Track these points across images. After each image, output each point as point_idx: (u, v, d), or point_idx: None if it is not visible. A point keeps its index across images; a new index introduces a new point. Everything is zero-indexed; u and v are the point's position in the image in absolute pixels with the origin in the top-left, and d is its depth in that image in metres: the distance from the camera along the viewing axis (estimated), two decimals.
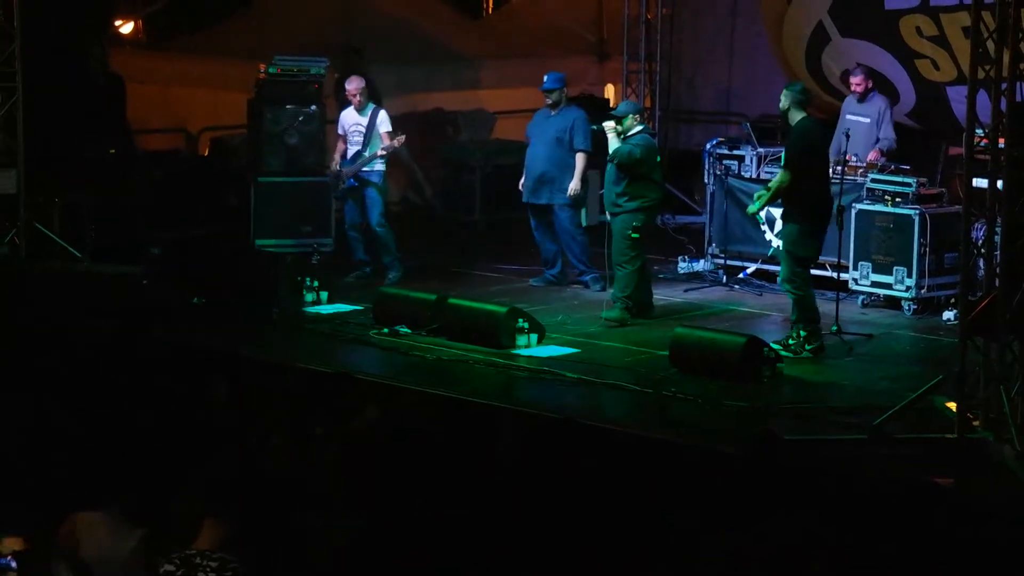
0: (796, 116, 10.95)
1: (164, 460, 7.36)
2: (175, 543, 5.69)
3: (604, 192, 12.09)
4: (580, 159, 12.89)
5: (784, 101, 10.98)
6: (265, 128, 14.62)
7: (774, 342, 10.61)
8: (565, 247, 13.08)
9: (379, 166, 13.37)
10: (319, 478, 7.65)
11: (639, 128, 11.85)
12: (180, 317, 11.88)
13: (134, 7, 19.98)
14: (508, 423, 9.16)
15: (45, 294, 12.67)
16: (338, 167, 13.47)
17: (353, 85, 13.45)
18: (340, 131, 13.65)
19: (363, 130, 13.35)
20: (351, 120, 13.48)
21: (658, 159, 11.96)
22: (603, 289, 12.62)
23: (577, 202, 12.95)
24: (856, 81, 13.52)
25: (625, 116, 11.81)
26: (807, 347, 10.75)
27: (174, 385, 9.37)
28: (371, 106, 13.46)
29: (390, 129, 13.37)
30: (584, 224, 13.10)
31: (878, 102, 13.53)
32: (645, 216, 11.79)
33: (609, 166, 11.83)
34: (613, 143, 11.72)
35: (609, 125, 11.74)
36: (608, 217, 12.04)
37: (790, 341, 10.79)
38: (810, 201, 10.86)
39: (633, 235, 11.66)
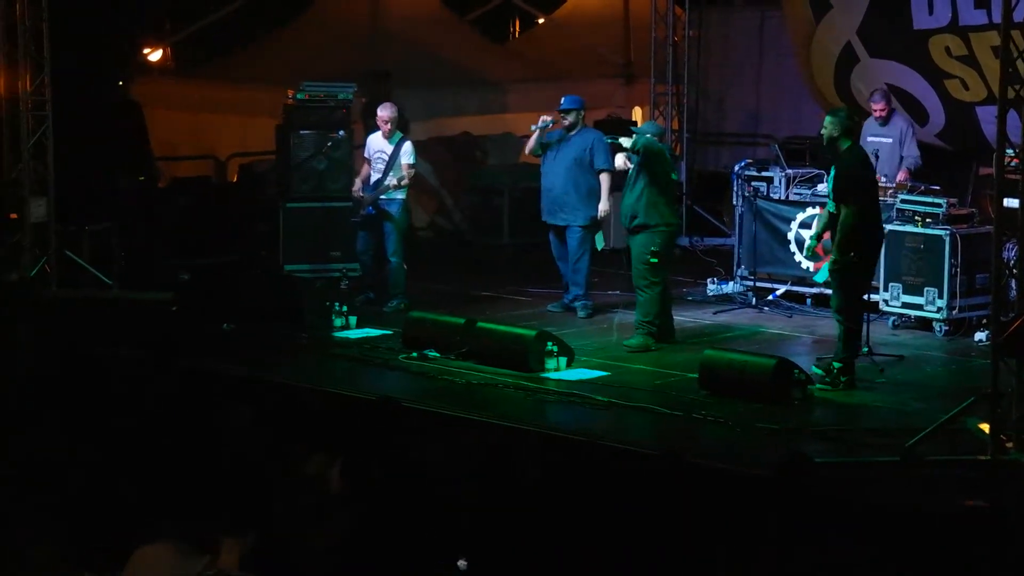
0: (845, 144, 10.52)
1: (208, 486, 7.34)
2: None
3: (621, 210, 11.93)
4: (605, 179, 12.78)
5: (832, 128, 10.48)
6: (293, 154, 14.65)
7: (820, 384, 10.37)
8: (570, 267, 12.92)
9: (399, 196, 13.22)
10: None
11: None
12: (210, 343, 11.89)
13: (162, 35, 20.13)
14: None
15: (75, 321, 12.72)
16: (360, 192, 13.37)
17: (386, 112, 13.28)
18: (366, 155, 13.58)
19: (386, 158, 13.21)
20: (376, 146, 13.38)
21: (674, 176, 11.91)
22: (588, 316, 12.69)
23: (595, 225, 12.87)
24: (879, 107, 13.46)
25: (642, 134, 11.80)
26: (842, 378, 10.47)
27: (203, 411, 9.37)
28: (399, 136, 13.32)
29: (412, 161, 13.23)
30: (599, 248, 12.94)
31: (899, 122, 13.51)
32: (662, 238, 11.64)
33: (631, 188, 11.71)
34: (619, 158, 11.91)
35: (624, 140, 11.77)
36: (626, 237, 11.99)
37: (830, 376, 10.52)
38: (867, 232, 10.47)
39: (652, 259, 11.57)
